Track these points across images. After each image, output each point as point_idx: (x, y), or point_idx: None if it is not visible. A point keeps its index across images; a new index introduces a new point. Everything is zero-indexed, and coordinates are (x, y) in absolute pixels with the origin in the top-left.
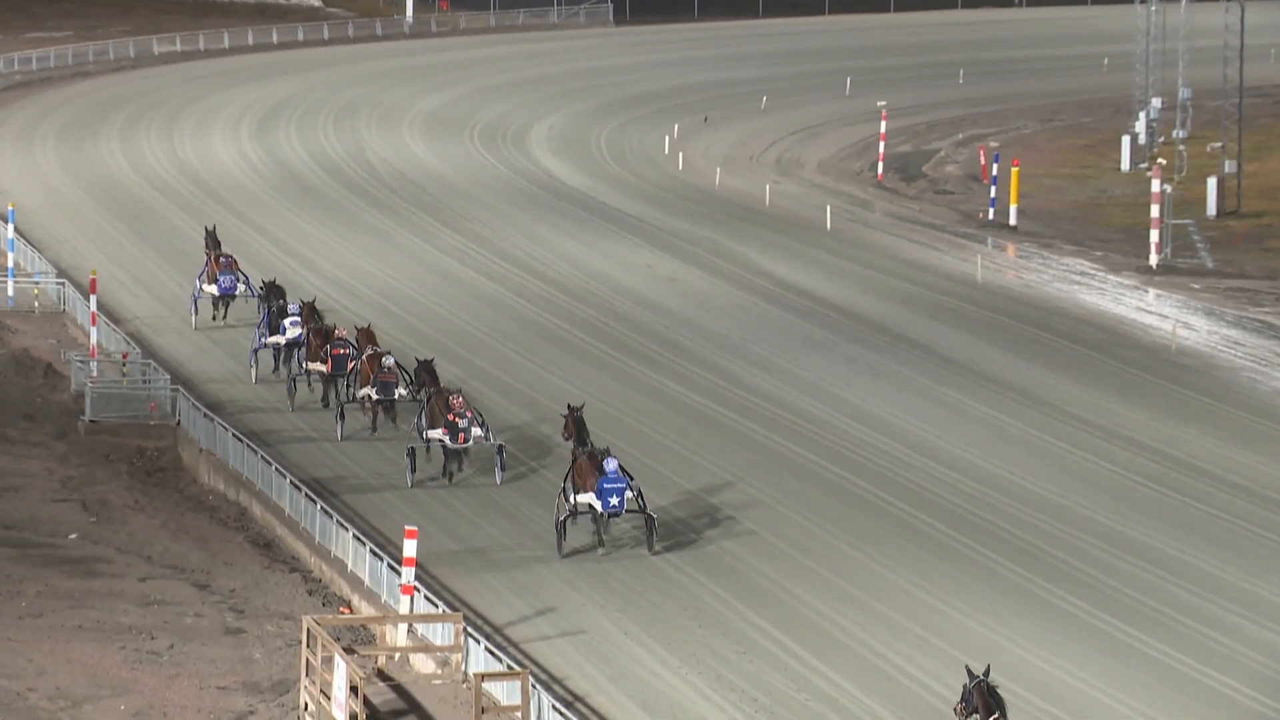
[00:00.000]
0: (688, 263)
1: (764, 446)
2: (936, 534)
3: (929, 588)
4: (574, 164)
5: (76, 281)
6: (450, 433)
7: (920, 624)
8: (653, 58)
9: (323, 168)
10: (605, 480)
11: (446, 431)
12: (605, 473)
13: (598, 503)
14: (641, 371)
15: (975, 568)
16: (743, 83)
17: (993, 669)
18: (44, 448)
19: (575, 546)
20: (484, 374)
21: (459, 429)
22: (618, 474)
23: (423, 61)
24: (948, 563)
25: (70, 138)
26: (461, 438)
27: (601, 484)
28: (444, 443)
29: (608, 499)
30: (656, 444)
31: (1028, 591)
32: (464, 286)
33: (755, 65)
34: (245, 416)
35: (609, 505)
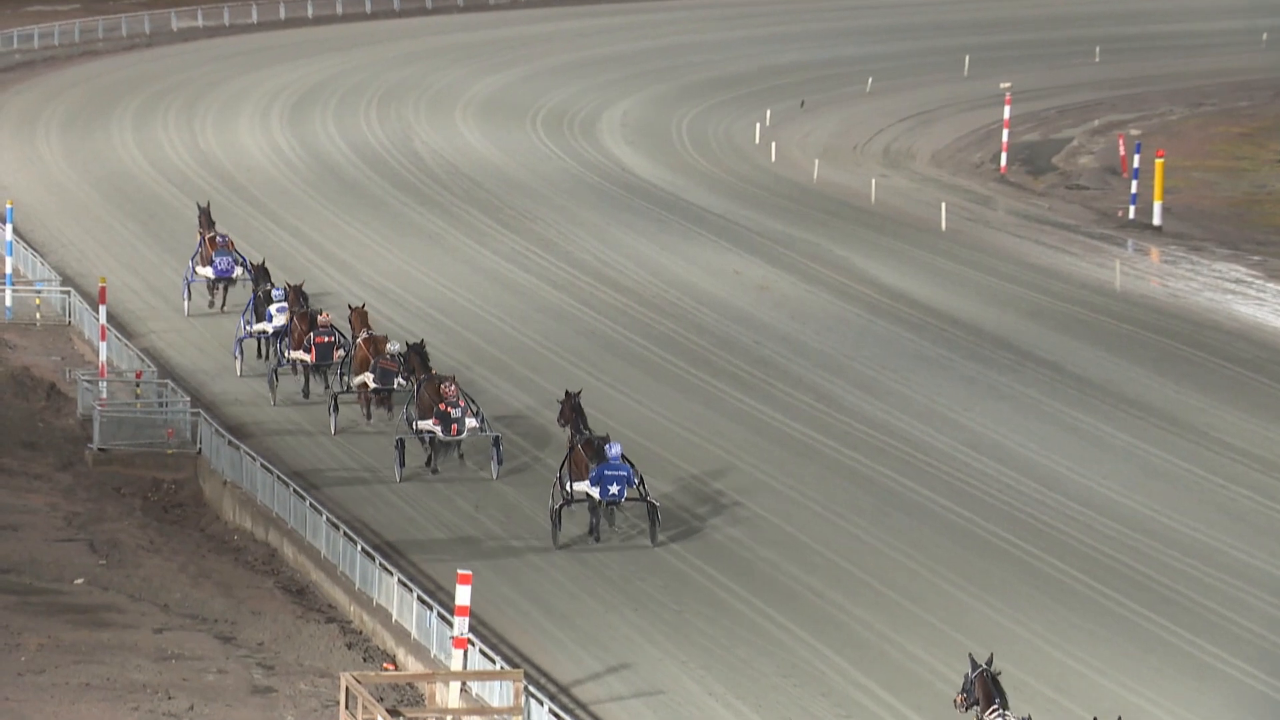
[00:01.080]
0: (781, 268)
1: (870, 480)
2: (1069, 581)
3: (1059, 642)
4: (651, 155)
5: (83, 290)
6: (442, 424)
7: (1051, 684)
8: (742, 33)
9: (364, 160)
10: (606, 467)
11: (438, 422)
12: (606, 458)
13: (595, 490)
14: (728, 394)
15: (1114, 620)
16: (845, 62)
17: None
18: (46, 480)
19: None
20: (549, 396)
21: (451, 420)
22: (620, 461)
23: (479, 38)
24: (1081, 614)
25: (77, 126)
26: (454, 429)
27: (601, 470)
28: (435, 435)
29: (607, 487)
30: (747, 477)
31: (1175, 648)
32: (525, 296)
33: (859, 42)
34: (276, 443)
35: (608, 494)
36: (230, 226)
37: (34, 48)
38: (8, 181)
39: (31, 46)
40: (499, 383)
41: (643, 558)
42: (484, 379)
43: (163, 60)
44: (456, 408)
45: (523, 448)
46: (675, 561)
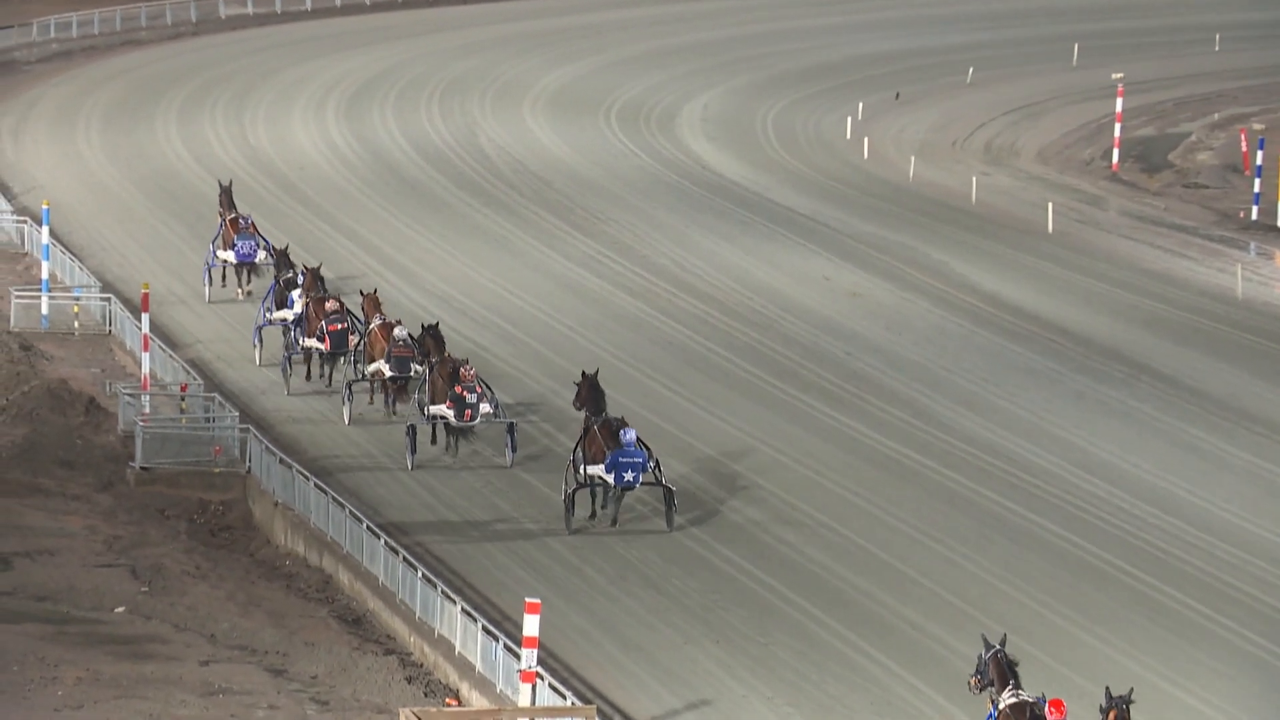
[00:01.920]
0: (875, 274)
1: (971, 503)
2: (1188, 613)
3: (1180, 680)
4: (734, 152)
5: (125, 297)
6: (456, 407)
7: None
8: (833, 20)
9: (426, 158)
10: (621, 454)
11: (452, 405)
12: (621, 444)
13: (610, 476)
14: (818, 409)
15: (1237, 654)
16: (944, 50)
17: None
18: (85, 501)
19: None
20: (623, 411)
21: (466, 404)
22: (635, 446)
23: (549, 26)
24: (1202, 648)
25: (118, 121)
26: (468, 414)
27: (616, 457)
28: (448, 420)
29: (622, 474)
30: (838, 499)
31: None
32: (598, 304)
33: (960, 29)
34: (330, 462)
35: (623, 480)
36: (282, 229)
37: (72, 37)
38: (44, 180)
39: (70, 36)
40: (566, 394)
41: (724, 585)
42: (553, 393)
43: (210, 50)
44: (473, 392)
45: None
46: (760, 590)
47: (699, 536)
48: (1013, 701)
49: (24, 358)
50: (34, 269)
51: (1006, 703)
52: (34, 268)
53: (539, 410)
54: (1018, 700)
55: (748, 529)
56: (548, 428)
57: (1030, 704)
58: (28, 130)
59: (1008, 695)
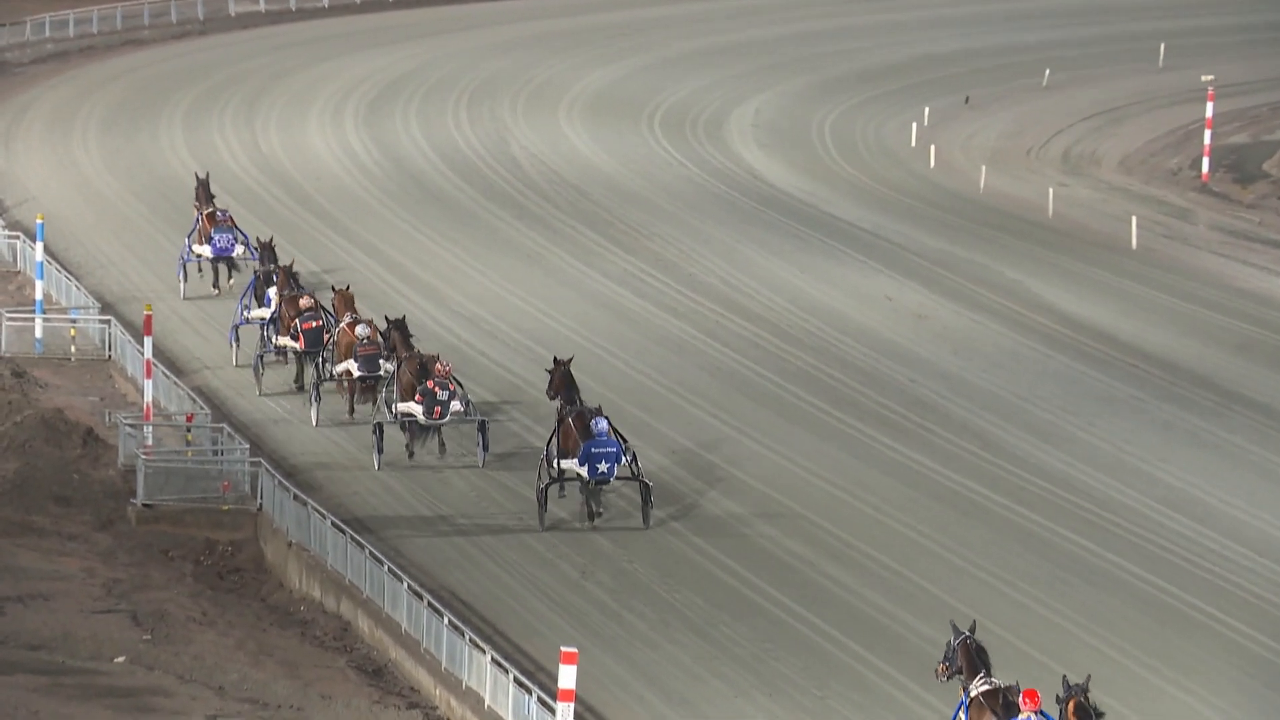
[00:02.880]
0: (942, 294)
1: (1046, 543)
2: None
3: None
4: (788, 161)
5: (126, 319)
6: (425, 403)
7: None
8: (896, 16)
9: (453, 167)
10: (593, 444)
11: (421, 400)
12: (594, 435)
13: (583, 469)
14: (878, 441)
15: None
16: (1018, 50)
17: None
18: (83, 541)
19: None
20: (667, 442)
21: (436, 400)
22: (608, 436)
23: (587, 23)
24: None
25: (119, 127)
26: (438, 411)
27: (589, 448)
28: (416, 418)
29: (595, 465)
30: (901, 539)
31: None
32: (640, 326)
33: (1036, 26)
34: (349, 498)
35: (597, 473)
36: (296, 243)
37: (69, 36)
38: (38, 192)
39: (66, 35)
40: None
41: (776, 632)
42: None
43: (218, 50)
44: (445, 389)
45: (639, 506)
46: (815, 637)
47: (747, 578)
48: (985, 689)
49: (16, 385)
50: (27, 288)
51: (979, 690)
52: (27, 287)
53: None
54: (990, 687)
55: (800, 570)
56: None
57: (1003, 690)
58: (20, 137)
59: (979, 683)
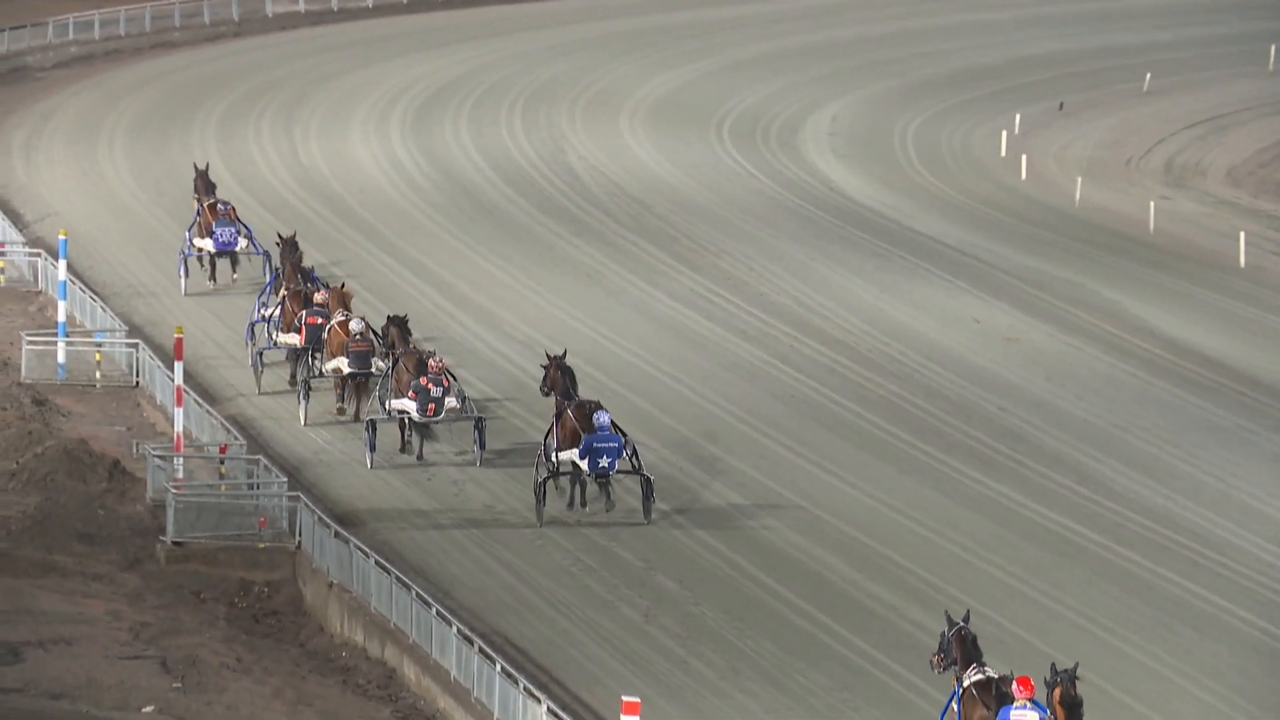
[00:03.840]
0: (1034, 315)
1: (1148, 585)
2: None
3: None
4: (868, 172)
5: (155, 343)
6: (419, 400)
7: None
8: (985, 15)
9: (506, 178)
10: (595, 438)
11: (415, 396)
12: (595, 429)
13: (584, 463)
14: (965, 475)
15: None
16: (1117, 52)
17: None
18: (108, 581)
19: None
20: (737, 475)
21: (430, 397)
22: (609, 430)
23: (651, 24)
24: None
25: (147, 136)
26: (431, 409)
27: (590, 441)
28: (409, 415)
29: (596, 459)
30: (990, 580)
31: None
32: (707, 350)
33: (1136, 27)
34: (394, 535)
35: (597, 466)
36: (338, 260)
37: (94, 38)
38: (61, 206)
39: (91, 37)
40: (673, 458)
41: (854, 680)
42: (655, 454)
43: (255, 53)
44: (439, 385)
45: (709, 545)
46: (898, 687)
47: (824, 623)
48: (979, 679)
49: (37, 414)
50: (49, 310)
51: (972, 680)
52: (49, 308)
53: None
54: (984, 677)
55: (881, 614)
56: (663, 506)
57: (996, 680)
58: (42, 147)
59: (973, 673)
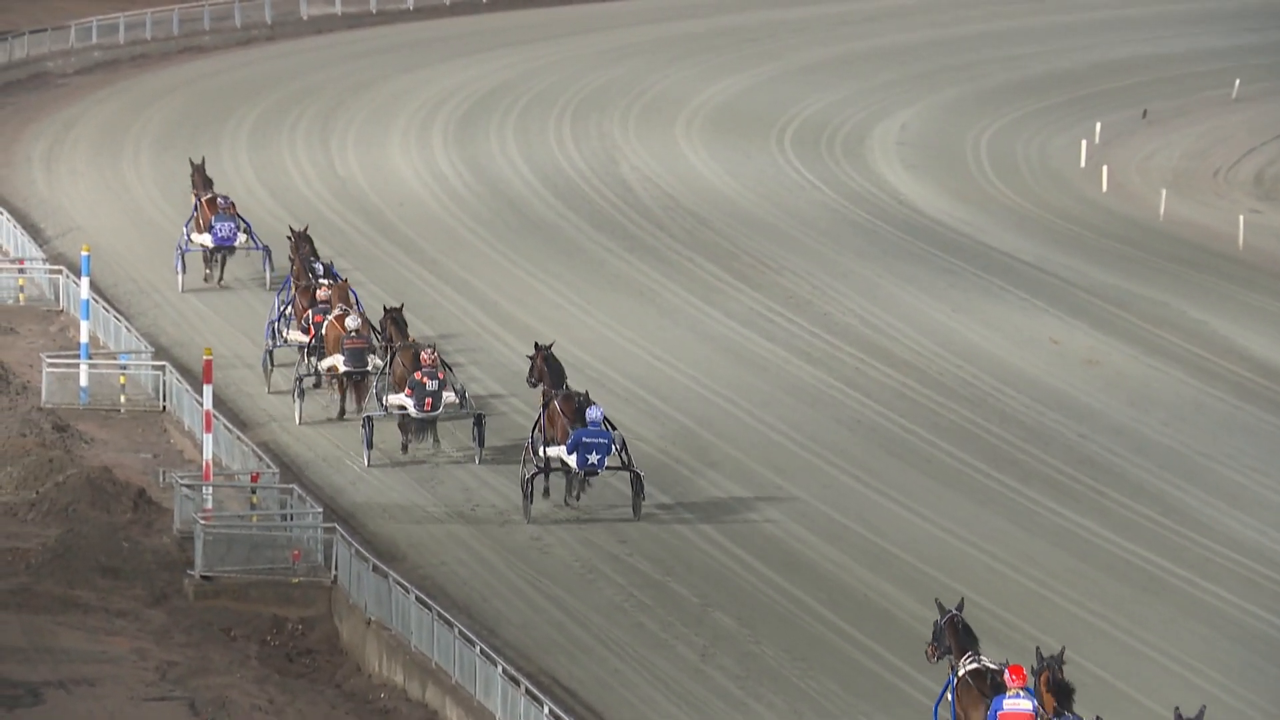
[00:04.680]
0: (1116, 336)
1: (1237, 622)
2: None
3: None
4: (938, 184)
5: (183, 365)
6: (415, 396)
7: None
8: (1063, 18)
9: (555, 191)
10: (585, 433)
11: (411, 393)
12: (585, 423)
13: (572, 459)
14: (1042, 505)
15: None
16: (1205, 56)
17: None
18: (133, 618)
19: None
20: (799, 505)
21: (426, 392)
22: (600, 426)
23: (709, 27)
24: None
25: (175, 147)
26: (429, 403)
27: (580, 436)
28: (408, 411)
29: (586, 455)
30: (1069, 617)
31: None
32: (769, 373)
33: (1225, 29)
34: (436, 569)
35: (586, 462)
36: (377, 278)
37: (119, 43)
38: (83, 221)
39: (116, 41)
40: (731, 488)
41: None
42: (711, 483)
43: (289, 58)
44: (434, 379)
45: (769, 580)
46: None
47: (892, 663)
48: (973, 668)
49: (58, 441)
50: (70, 330)
51: (966, 669)
52: (71, 328)
53: (701, 509)
54: (978, 666)
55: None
56: (721, 539)
57: (991, 670)
58: (63, 158)
59: (967, 662)
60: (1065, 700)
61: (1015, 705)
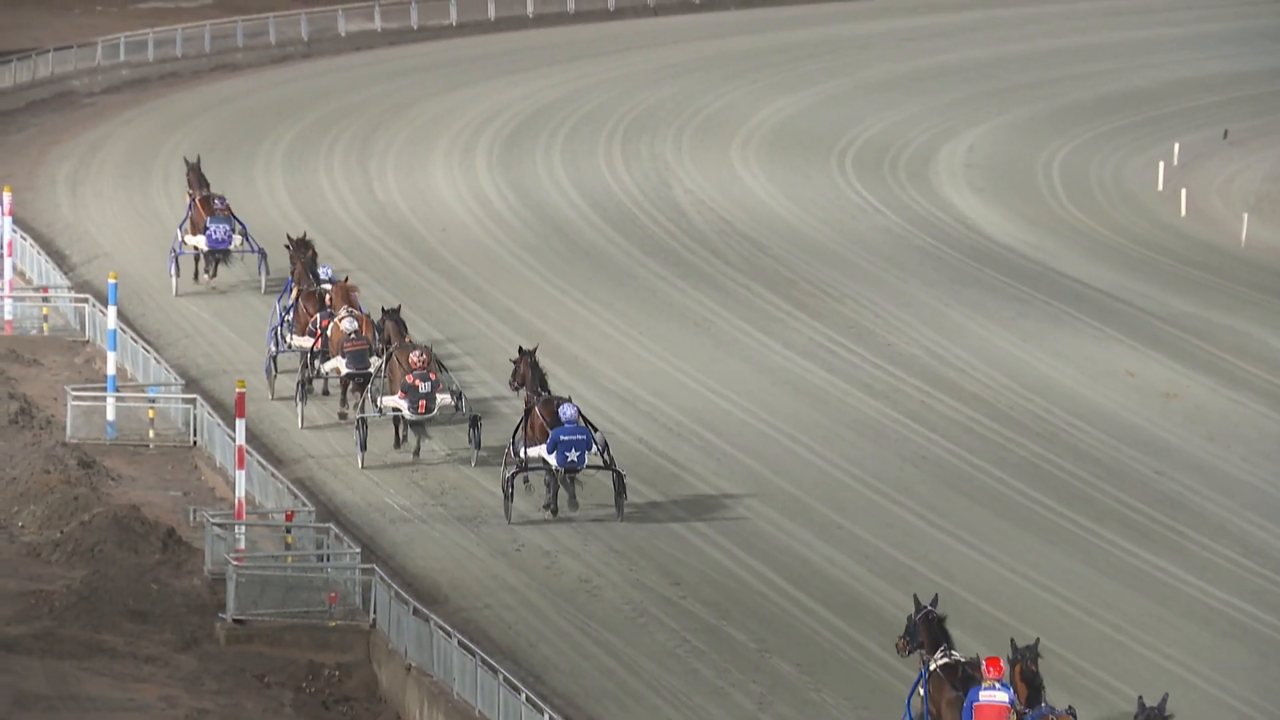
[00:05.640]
0: (1195, 368)
1: None
2: None
3: None
4: (1008, 207)
5: (215, 398)
6: (409, 398)
7: None
8: (1139, 33)
9: (604, 215)
10: (561, 431)
11: (404, 396)
12: (561, 422)
13: (551, 457)
14: (1118, 546)
15: None
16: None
17: None
18: (162, 664)
19: None
20: (861, 546)
21: (419, 394)
22: (576, 423)
23: (767, 43)
24: None
25: (207, 169)
26: (423, 405)
27: (557, 435)
28: (402, 413)
29: (564, 453)
30: (1145, 663)
31: None
32: (829, 407)
33: None
34: (480, 612)
35: (565, 460)
36: (418, 306)
37: (148, 60)
38: (111, 247)
39: (145, 59)
40: (789, 526)
41: None
42: (769, 522)
43: (326, 77)
44: (426, 381)
45: (830, 624)
46: None
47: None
48: (945, 662)
49: (84, 477)
50: (97, 362)
51: (938, 663)
52: (97, 360)
53: (757, 550)
54: (950, 661)
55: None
56: (779, 581)
57: (962, 664)
58: (89, 182)
59: (939, 656)
60: (1036, 692)
61: (991, 697)
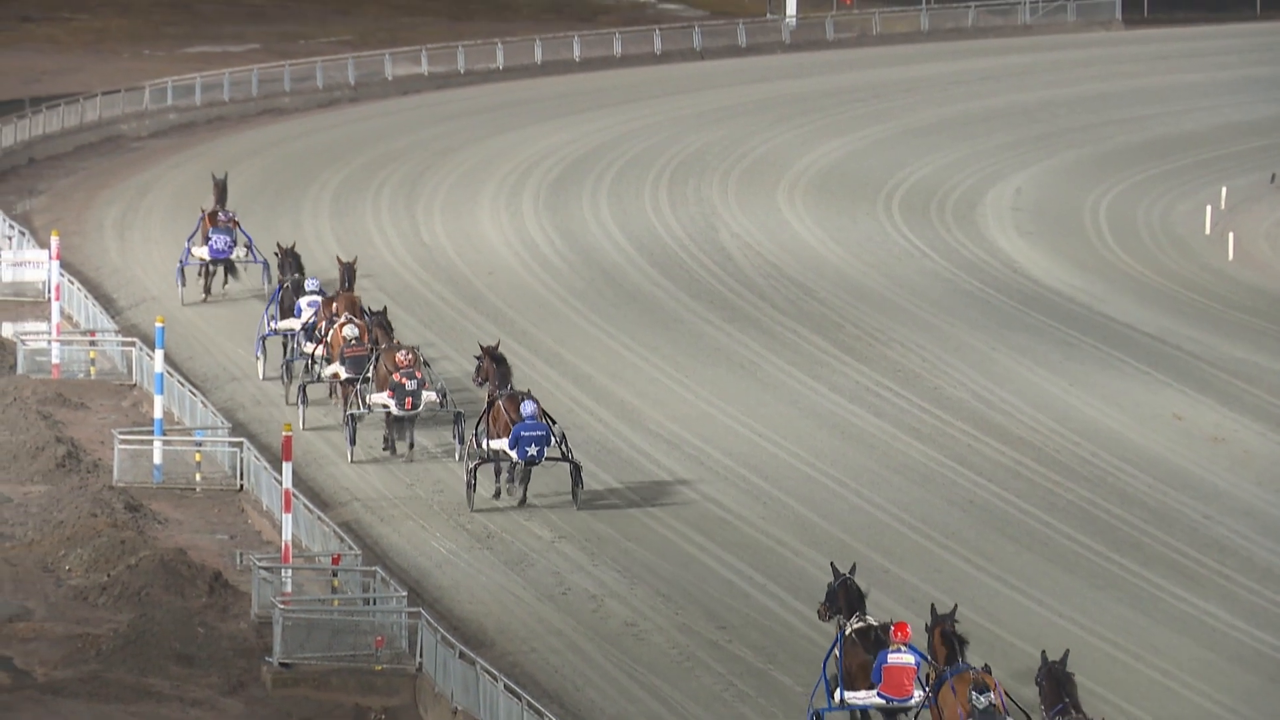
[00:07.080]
0: (1243, 412)
1: None
2: None
3: None
4: (1055, 251)
5: (262, 442)
6: (395, 396)
7: None
8: (1188, 77)
9: (651, 259)
10: (522, 427)
11: (392, 394)
12: (523, 418)
13: (513, 451)
14: (1166, 591)
15: None
16: None
17: None
18: (209, 707)
19: None
20: (908, 590)
21: (406, 392)
22: (535, 419)
23: (815, 86)
24: None
25: (254, 213)
26: (409, 403)
27: (518, 430)
28: (389, 409)
29: (525, 448)
30: (1201, 711)
31: None
32: (875, 451)
33: None
34: (526, 656)
35: (525, 454)
36: (464, 350)
37: (195, 105)
38: (158, 291)
39: (192, 103)
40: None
41: None
42: (812, 564)
43: (373, 121)
44: (412, 379)
45: None
46: None
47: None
48: (859, 626)
49: (131, 521)
50: (144, 405)
51: (853, 628)
52: (144, 403)
53: (804, 594)
54: (864, 625)
55: None
56: (827, 625)
57: (875, 628)
58: (137, 225)
59: (855, 621)
60: (954, 650)
61: (899, 659)
